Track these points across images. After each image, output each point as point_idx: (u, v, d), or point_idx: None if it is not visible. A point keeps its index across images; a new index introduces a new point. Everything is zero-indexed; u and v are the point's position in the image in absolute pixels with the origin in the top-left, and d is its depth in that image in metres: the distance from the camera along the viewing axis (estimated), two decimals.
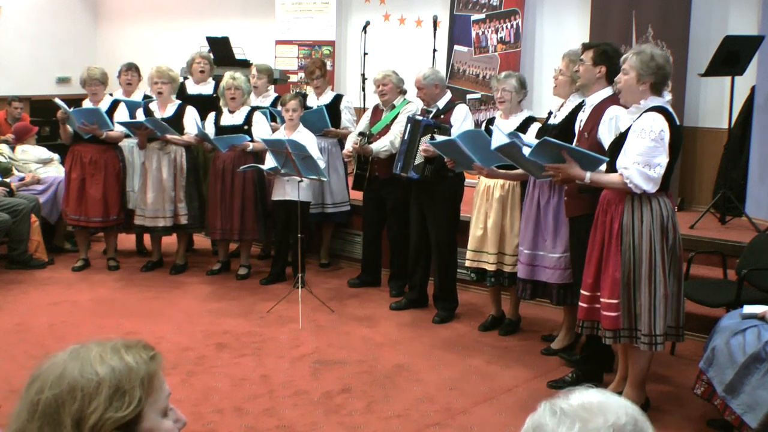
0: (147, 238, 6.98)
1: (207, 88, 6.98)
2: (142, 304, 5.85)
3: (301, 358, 4.81)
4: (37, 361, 1.38)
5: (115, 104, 6.57)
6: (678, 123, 3.78)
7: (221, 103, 6.50)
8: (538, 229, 4.73)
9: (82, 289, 6.16)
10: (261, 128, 6.29)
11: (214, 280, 6.48)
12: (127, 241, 7.27)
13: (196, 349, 4.93)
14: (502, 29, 7.73)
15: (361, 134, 5.88)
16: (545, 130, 4.68)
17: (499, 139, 4.13)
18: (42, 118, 8.89)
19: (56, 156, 7.57)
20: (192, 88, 6.99)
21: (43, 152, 7.56)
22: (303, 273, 5.80)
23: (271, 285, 6.28)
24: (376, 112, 6.09)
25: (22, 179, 7.11)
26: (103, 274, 6.57)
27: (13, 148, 7.47)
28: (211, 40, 8.22)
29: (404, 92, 6.05)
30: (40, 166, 7.44)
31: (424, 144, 5.26)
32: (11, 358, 4.70)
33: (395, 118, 5.89)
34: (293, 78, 9.00)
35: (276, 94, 7.03)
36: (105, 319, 5.49)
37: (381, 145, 5.81)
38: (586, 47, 4.39)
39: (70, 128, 6.48)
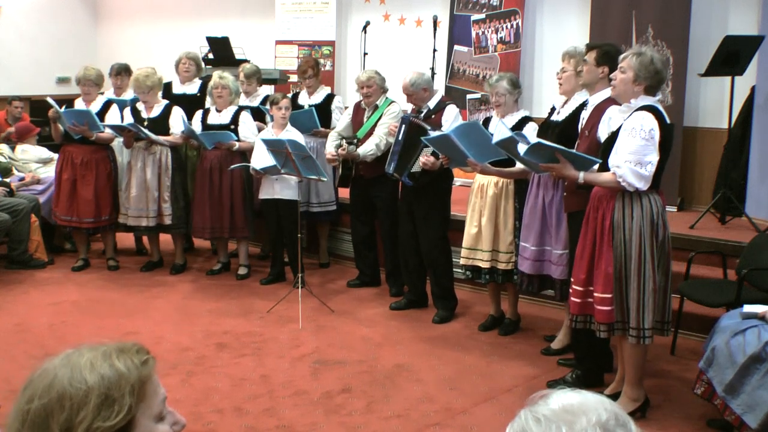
0: (146, 239, 6.98)
1: (192, 88, 6.98)
2: (142, 304, 5.85)
3: (301, 358, 4.81)
4: (37, 361, 1.37)
5: (107, 105, 6.57)
6: (668, 122, 3.82)
7: (209, 102, 6.51)
8: (544, 225, 4.74)
9: (83, 290, 6.16)
10: (248, 128, 6.31)
11: (214, 280, 6.48)
12: (126, 241, 7.27)
13: (196, 349, 4.93)
14: (502, 29, 7.73)
15: (348, 142, 5.86)
16: (548, 126, 4.69)
17: (501, 133, 4.15)
18: (42, 118, 8.86)
19: (56, 156, 7.56)
20: (177, 88, 7.00)
21: (44, 152, 7.57)
22: (303, 273, 5.80)
23: (271, 285, 6.29)
24: (358, 110, 6.07)
25: (22, 179, 7.12)
26: (103, 274, 6.57)
27: (13, 148, 7.47)
28: (211, 40, 8.22)
29: (386, 90, 6.05)
30: (40, 166, 7.44)
31: (425, 156, 5.23)
32: (11, 358, 4.70)
33: (379, 119, 5.89)
34: (293, 78, 8.98)
35: (266, 94, 7.02)
36: (105, 319, 5.49)
37: (367, 149, 5.80)
38: (589, 48, 4.45)
39: (61, 127, 6.49)
